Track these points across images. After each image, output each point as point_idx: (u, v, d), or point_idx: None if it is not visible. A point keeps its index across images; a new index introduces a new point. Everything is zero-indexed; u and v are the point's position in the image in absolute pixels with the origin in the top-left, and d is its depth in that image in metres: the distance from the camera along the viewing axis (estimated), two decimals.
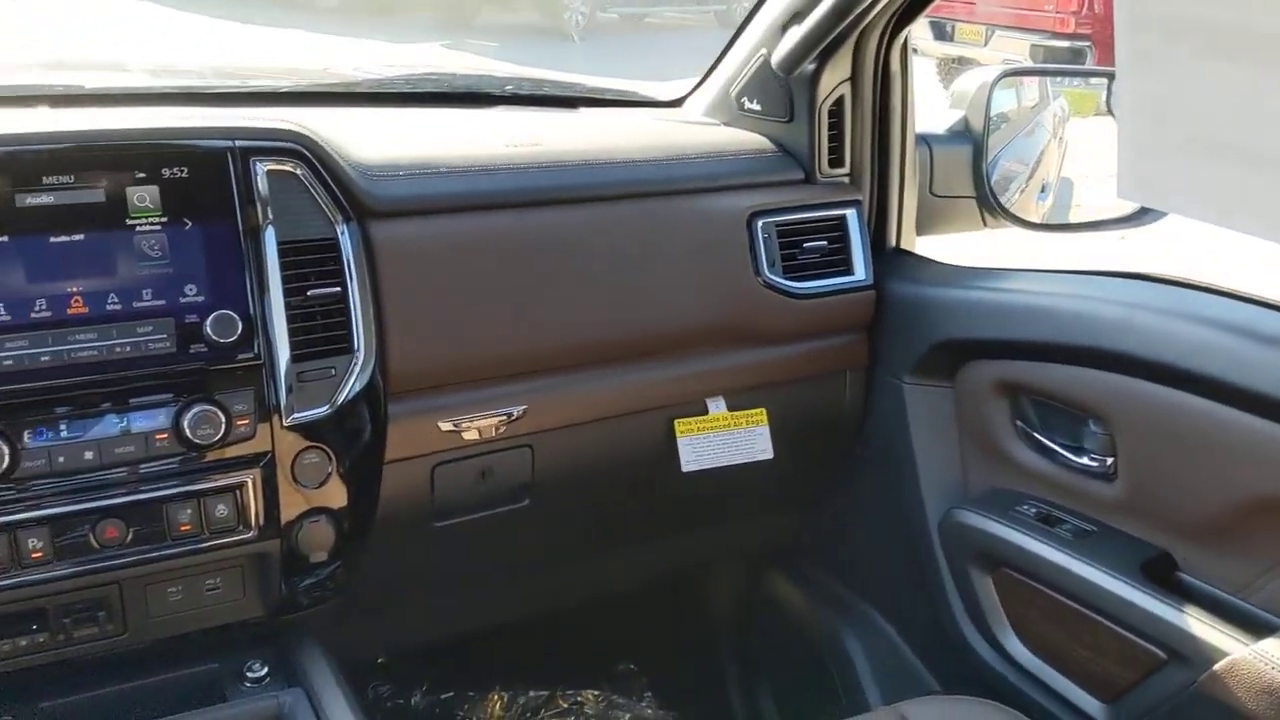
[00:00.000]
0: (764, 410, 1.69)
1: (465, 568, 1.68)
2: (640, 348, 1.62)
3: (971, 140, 1.88)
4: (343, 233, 1.37)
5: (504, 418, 1.51)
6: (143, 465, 1.26)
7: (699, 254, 1.64)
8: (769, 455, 1.68)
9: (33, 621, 1.27)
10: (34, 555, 1.22)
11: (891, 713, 1.44)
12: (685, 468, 1.64)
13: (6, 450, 1.19)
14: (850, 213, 1.76)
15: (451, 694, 2.14)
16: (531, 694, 2.19)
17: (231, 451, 1.30)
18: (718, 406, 1.67)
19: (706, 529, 1.96)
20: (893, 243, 1.84)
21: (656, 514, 1.82)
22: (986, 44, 8.82)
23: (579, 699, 2.21)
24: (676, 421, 1.64)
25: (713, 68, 1.94)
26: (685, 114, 1.98)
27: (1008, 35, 8.75)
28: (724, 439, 1.66)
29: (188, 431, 1.26)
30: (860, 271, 1.76)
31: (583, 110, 2.00)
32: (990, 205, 1.88)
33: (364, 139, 1.50)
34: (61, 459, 1.22)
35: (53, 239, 1.23)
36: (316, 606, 1.45)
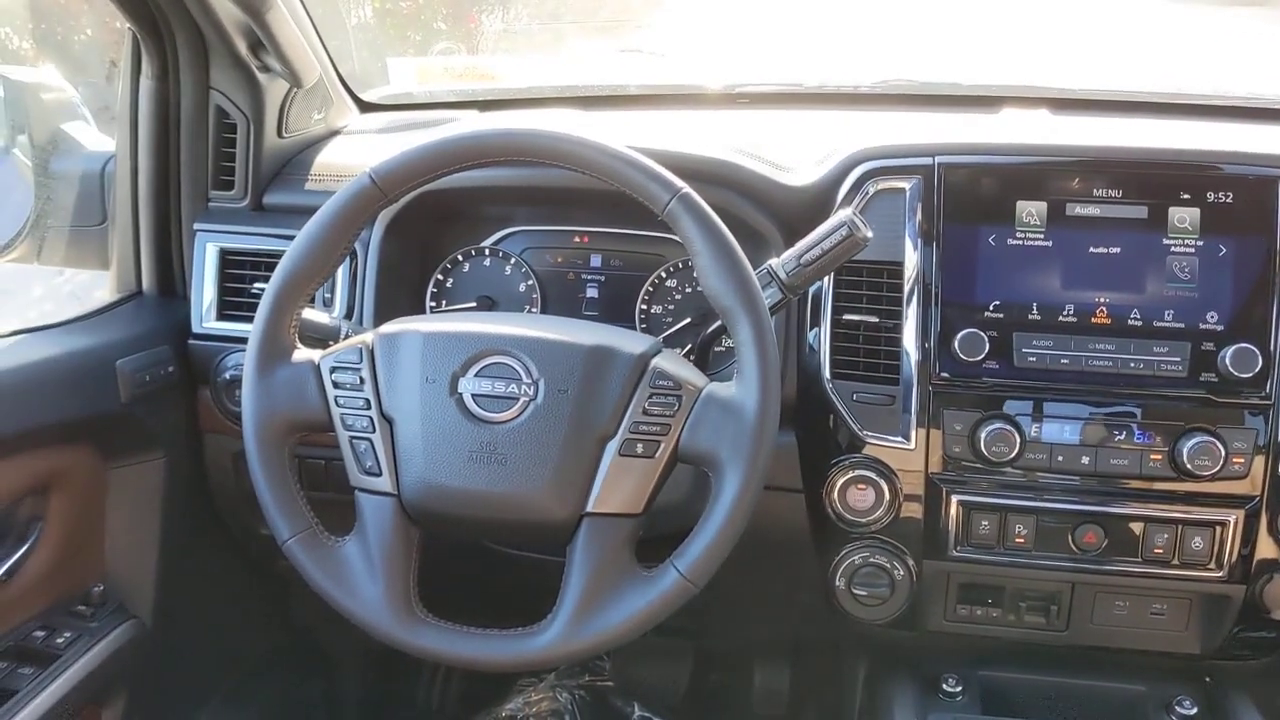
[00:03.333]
0: None
1: None
2: None
3: None
4: None
5: None
6: (1133, 481, 1.28)
7: None
8: None
9: (992, 596, 1.37)
10: (1018, 539, 1.31)
11: None
12: None
13: (1018, 438, 1.27)
14: None
15: None
16: None
17: (1220, 487, 1.26)
18: None
19: None
20: None
21: None
22: None
23: None
24: None
25: None
26: None
27: None
28: None
29: (1184, 458, 1.25)
30: None
31: None
32: None
33: None
34: (1060, 458, 1.28)
35: (1091, 249, 1.29)
36: (1252, 660, 1.37)
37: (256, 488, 1.13)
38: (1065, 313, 1.29)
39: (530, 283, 1.53)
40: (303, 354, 1.17)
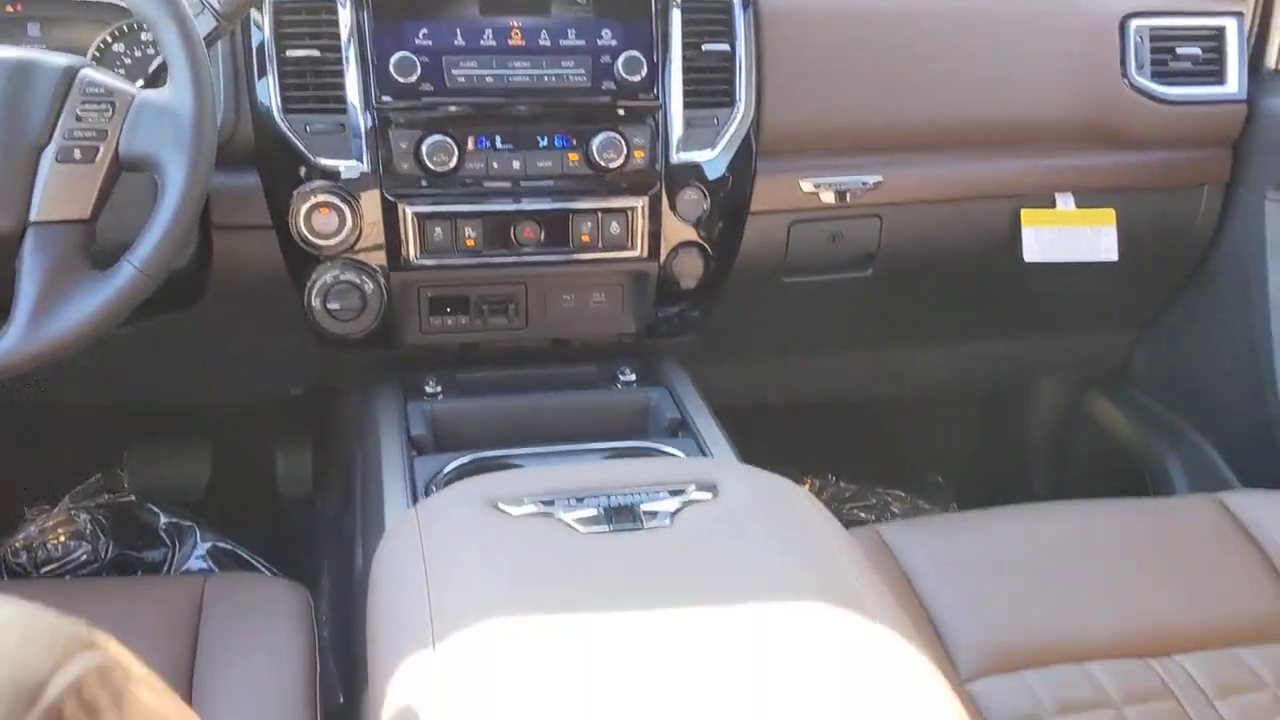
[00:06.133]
0: (1113, 211, 1.72)
1: (804, 328, 1.84)
2: (996, 136, 1.69)
3: None
4: None
5: (860, 186, 1.64)
6: (557, 180, 1.49)
7: (1066, 50, 1.68)
8: (1113, 256, 1.72)
9: (458, 306, 1.54)
10: (468, 242, 1.48)
11: (1211, 500, 1.47)
12: (1027, 257, 1.71)
13: (457, 151, 1.43)
14: (1230, 23, 1.73)
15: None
16: (842, 484, 2.33)
17: (628, 179, 1.50)
18: (1066, 202, 1.72)
19: (1037, 337, 2.02)
20: (1271, 65, 1.80)
21: (991, 309, 1.90)
22: None
23: (887, 497, 2.34)
24: (1023, 211, 1.71)
25: None
26: None
27: None
28: (1070, 234, 1.71)
29: (596, 155, 1.47)
30: (1234, 85, 1.74)
31: None
32: None
33: None
34: (495, 165, 1.46)
35: None
36: (677, 336, 1.66)
37: None
38: (485, 37, 1.45)
39: None
40: None
